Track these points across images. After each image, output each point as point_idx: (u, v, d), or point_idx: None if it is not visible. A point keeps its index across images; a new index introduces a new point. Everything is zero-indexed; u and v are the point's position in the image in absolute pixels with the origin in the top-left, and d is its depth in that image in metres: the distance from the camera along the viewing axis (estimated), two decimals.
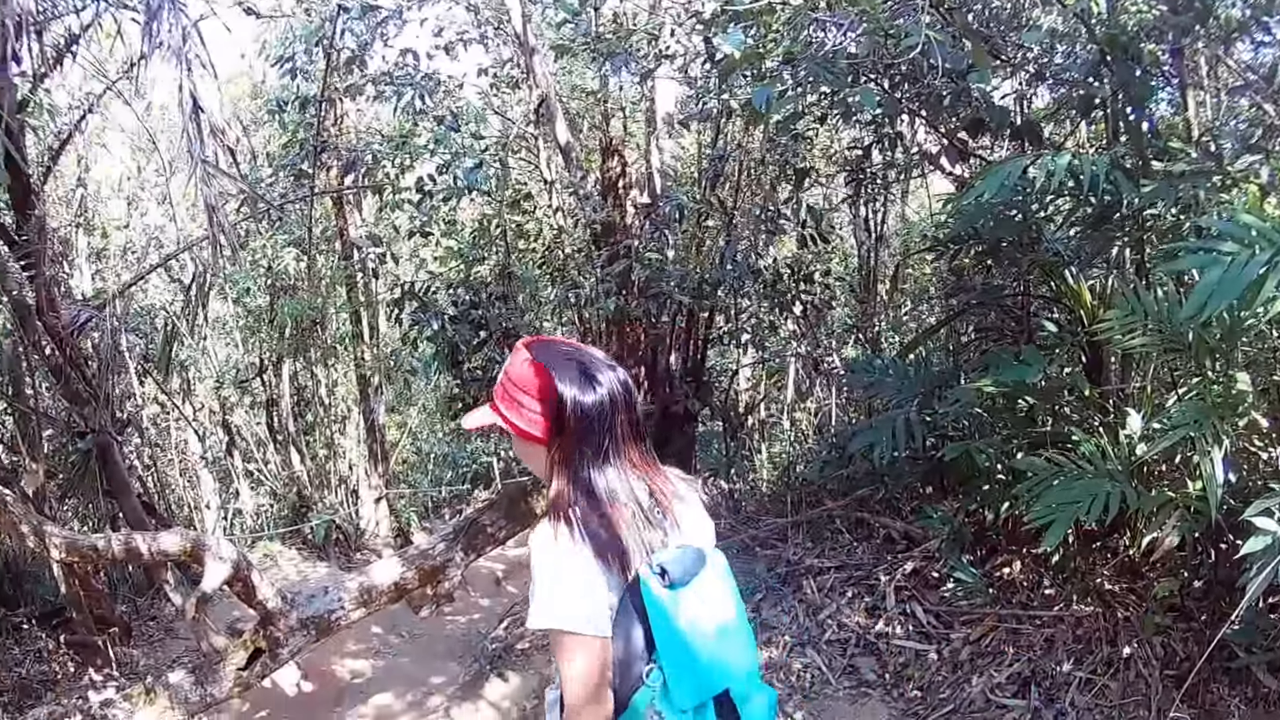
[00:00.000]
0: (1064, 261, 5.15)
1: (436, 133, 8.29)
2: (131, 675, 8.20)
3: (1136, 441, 4.37)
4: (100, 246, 13.17)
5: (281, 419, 13.72)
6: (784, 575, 6.46)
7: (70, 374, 7.86)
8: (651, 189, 8.27)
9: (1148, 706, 4.22)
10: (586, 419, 2.06)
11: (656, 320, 8.22)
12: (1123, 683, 4.35)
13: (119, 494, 8.36)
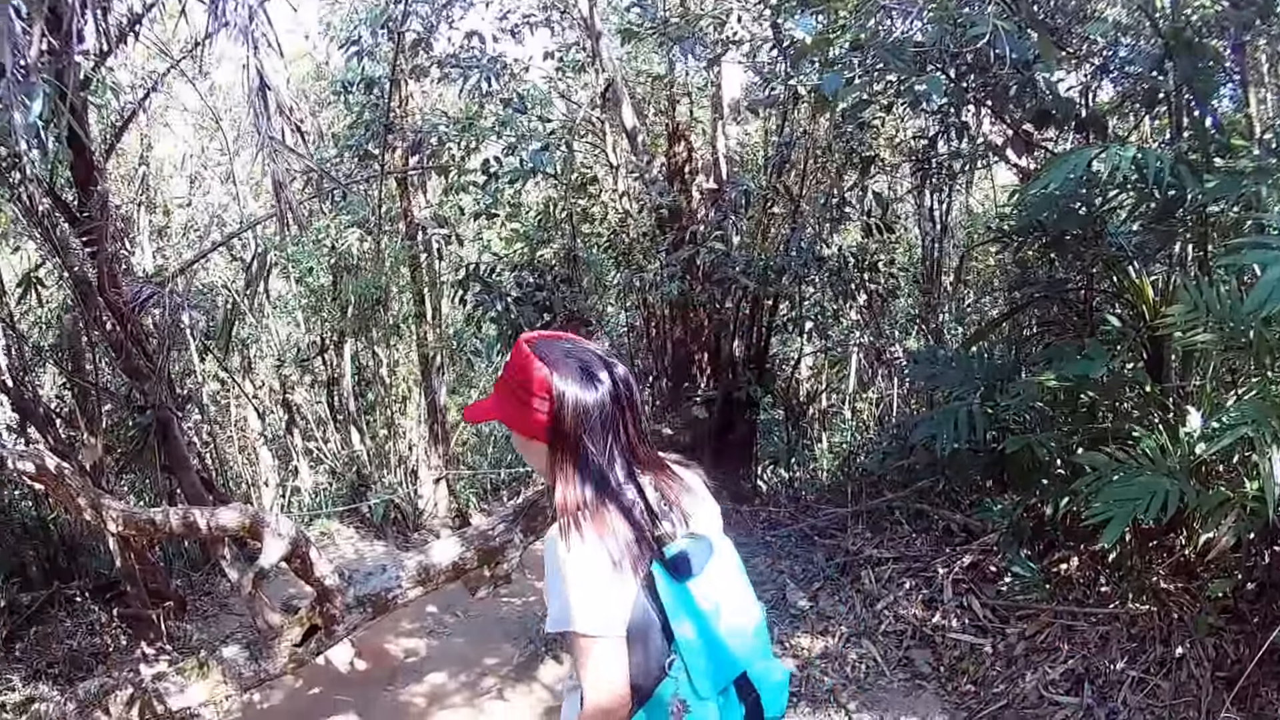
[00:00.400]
0: (1127, 256, 5.16)
1: (503, 115, 8.40)
2: (184, 650, 8.35)
3: (1196, 440, 4.38)
4: (162, 224, 13.40)
5: (342, 398, 13.91)
6: (843, 565, 6.56)
7: (131, 350, 7.93)
8: (717, 174, 8.34)
9: (1198, 708, 4.24)
10: (587, 418, 2.10)
11: (721, 306, 8.31)
12: (1174, 683, 4.38)
13: (177, 469, 8.49)
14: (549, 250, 9.18)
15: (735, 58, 8.14)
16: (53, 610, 8.93)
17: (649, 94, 9.91)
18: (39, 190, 6.89)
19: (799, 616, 6.25)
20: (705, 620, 2.12)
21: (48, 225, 7.19)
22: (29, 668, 8.02)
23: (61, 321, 9.47)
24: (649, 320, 9.26)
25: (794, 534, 7.34)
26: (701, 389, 8.59)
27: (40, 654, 8.31)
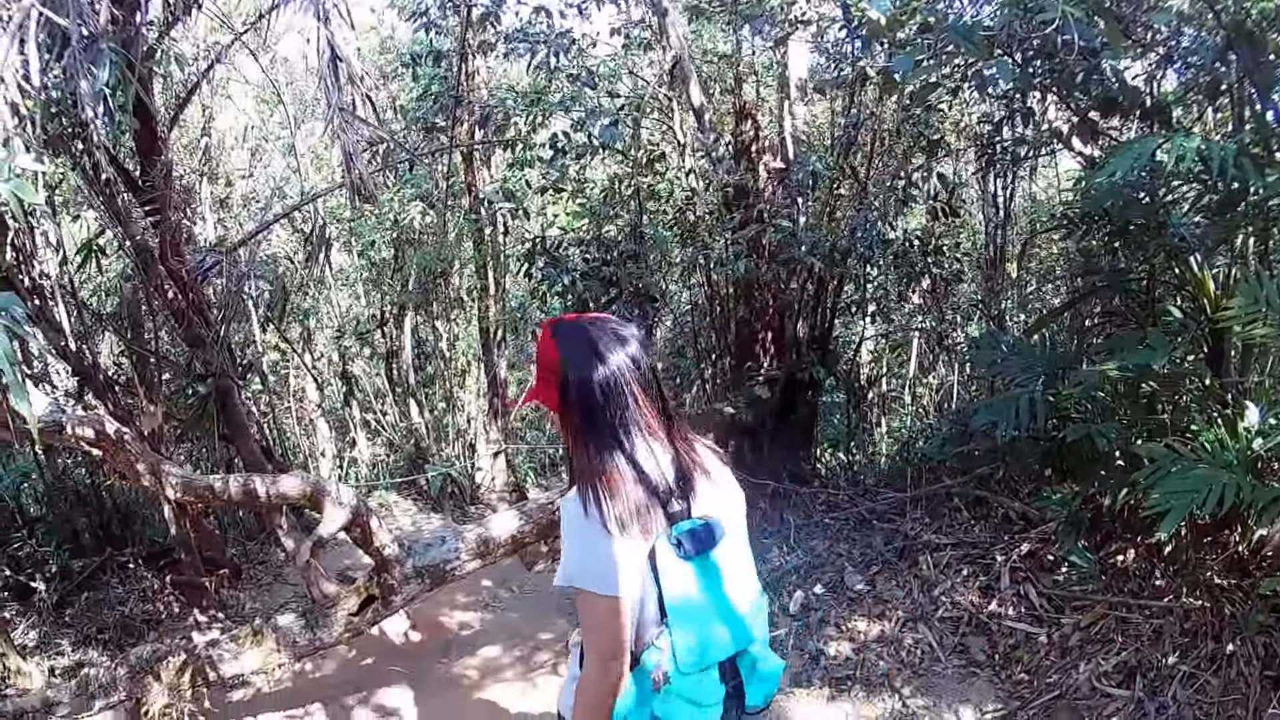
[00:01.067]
0: (1189, 248, 5.20)
1: (572, 90, 8.53)
2: (237, 618, 8.58)
3: (1254, 435, 4.44)
4: (223, 196, 13.61)
5: (401, 371, 14.13)
6: (901, 549, 6.69)
7: (193, 318, 8.05)
8: (784, 154, 8.40)
9: (1245, 706, 4.31)
10: (592, 393, 2.33)
11: (785, 286, 8.38)
12: (1224, 680, 4.45)
13: (237, 437, 8.64)
14: (613, 226, 9.31)
15: (804, 37, 8.21)
16: (104, 577, 9.11)
17: (714, 73, 9.98)
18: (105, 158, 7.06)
19: (856, 599, 6.41)
20: (701, 600, 2.33)
21: (110, 194, 7.31)
22: (79, 633, 8.18)
23: (121, 289, 9.70)
24: (712, 298, 9.37)
25: (852, 517, 7.46)
26: (764, 368, 8.66)
27: (90, 620, 8.44)
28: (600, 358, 2.33)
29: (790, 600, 6.70)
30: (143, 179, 7.46)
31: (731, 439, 8.73)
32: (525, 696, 6.89)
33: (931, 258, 8.24)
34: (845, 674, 5.69)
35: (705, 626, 2.35)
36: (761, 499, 8.33)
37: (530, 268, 8.85)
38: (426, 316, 14.25)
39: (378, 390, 14.80)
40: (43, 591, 8.46)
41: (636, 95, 8.94)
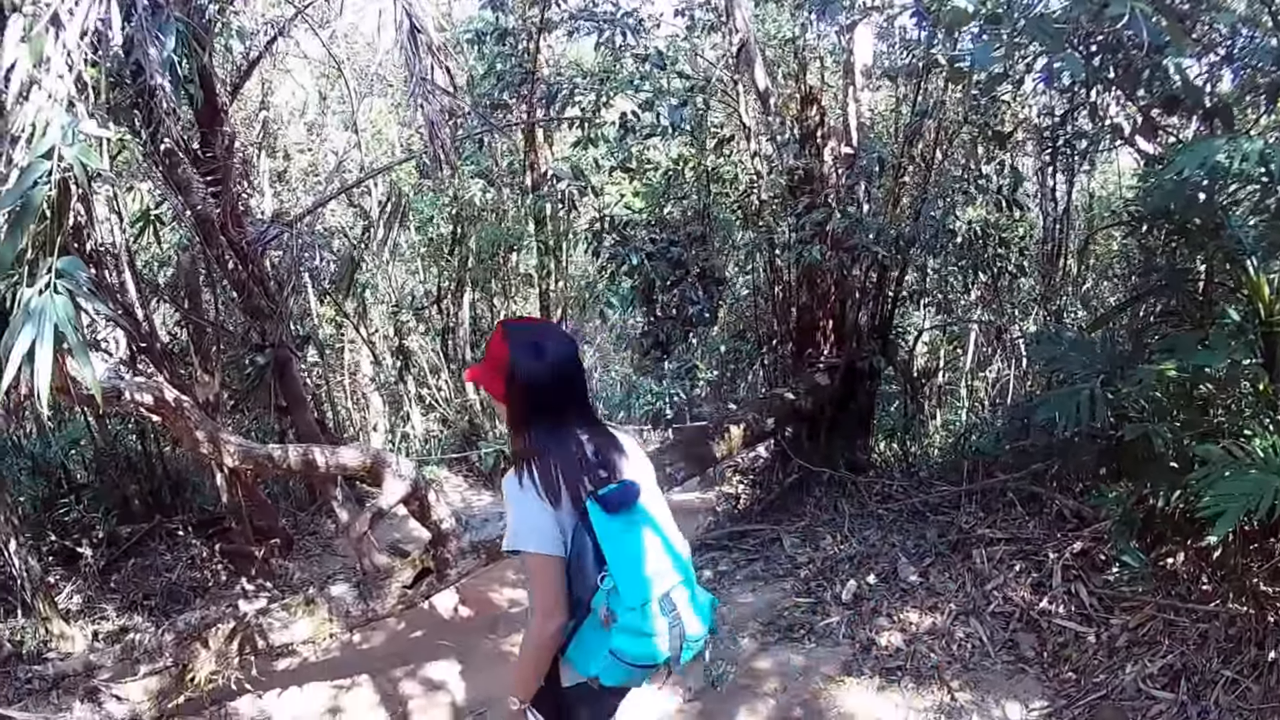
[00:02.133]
0: (1246, 250, 5.22)
1: (641, 70, 8.66)
2: (285, 588, 8.85)
3: None
4: (280, 169, 13.85)
5: (458, 347, 14.36)
6: (955, 543, 6.82)
7: (252, 289, 8.25)
8: (848, 140, 8.47)
9: None
10: (533, 384, 2.86)
11: (848, 273, 8.49)
12: (1264, 686, 4.52)
13: (294, 408, 8.79)
14: (675, 208, 9.43)
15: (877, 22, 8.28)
16: (152, 543, 9.36)
17: (777, 56, 10.06)
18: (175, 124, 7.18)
19: (909, 591, 6.53)
20: (630, 547, 2.82)
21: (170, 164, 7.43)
22: (124, 599, 8.40)
23: (178, 259, 9.84)
24: (774, 284, 9.50)
25: (906, 508, 7.58)
26: (825, 356, 8.80)
27: (136, 586, 8.68)
28: (541, 360, 2.86)
29: (843, 589, 6.81)
30: (203, 150, 7.65)
31: (790, 425, 8.91)
32: None
33: (997, 250, 8.31)
34: (895, 665, 5.82)
35: (638, 568, 2.81)
36: (817, 487, 8.50)
37: (598, 246, 9.00)
38: (484, 293, 14.45)
39: (433, 366, 15.03)
40: (89, 557, 8.67)
41: (703, 77, 9.04)
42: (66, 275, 3.81)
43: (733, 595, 7.50)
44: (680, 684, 6.36)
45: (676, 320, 9.00)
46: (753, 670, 6.22)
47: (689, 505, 11.77)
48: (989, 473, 7.49)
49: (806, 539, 7.92)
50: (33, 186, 3.73)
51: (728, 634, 6.77)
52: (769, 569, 7.78)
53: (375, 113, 14.77)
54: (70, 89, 4.05)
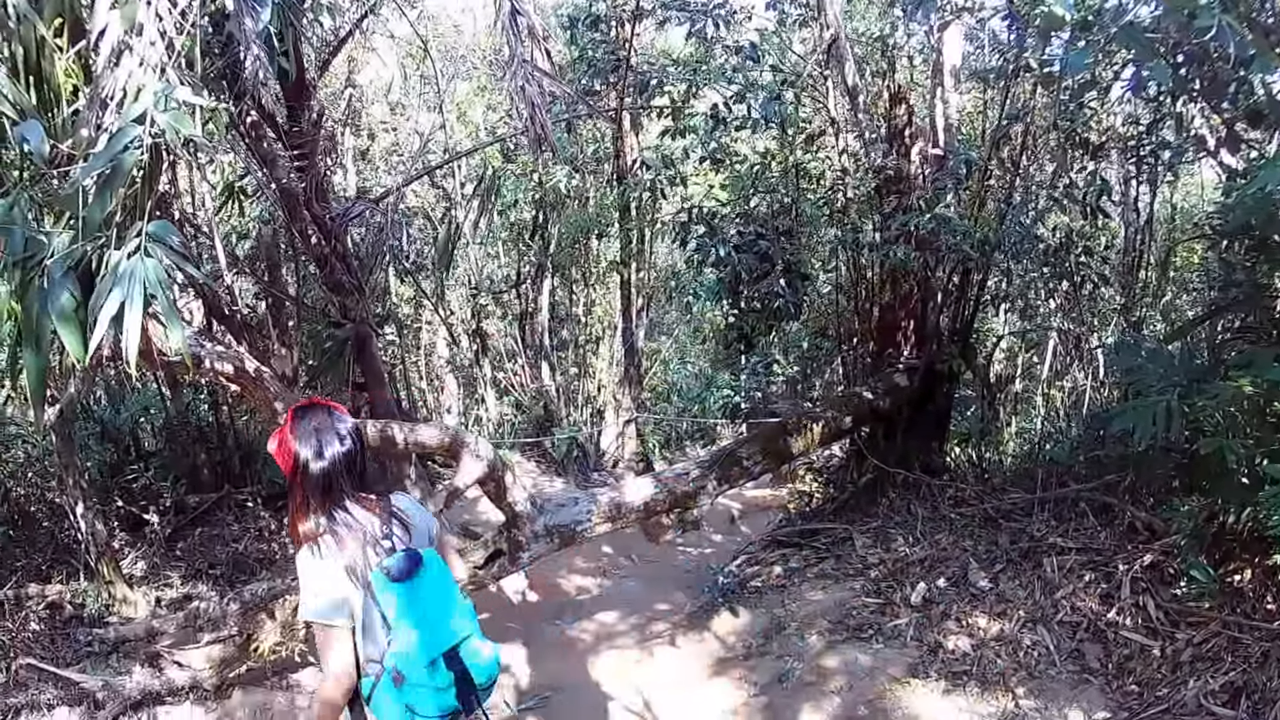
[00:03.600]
0: None
1: (734, 61, 8.83)
2: None
3: None
4: (364, 148, 14.14)
5: (535, 333, 14.63)
6: (1026, 550, 6.90)
7: (335, 264, 8.33)
8: (935, 141, 8.57)
9: None
10: (316, 478, 3.29)
11: (931, 274, 8.59)
12: None
13: (373, 386, 8.88)
14: (763, 202, 9.52)
15: (970, 24, 8.37)
16: (220, 514, 9.68)
17: (866, 54, 10.16)
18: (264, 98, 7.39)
19: (979, 596, 6.65)
20: (414, 611, 3.25)
21: (256, 137, 7.64)
22: (189, 567, 8.69)
23: (259, 232, 10.16)
24: (857, 283, 9.60)
25: (979, 514, 7.66)
26: (905, 356, 8.90)
27: (202, 555, 8.98)
28: (321, 458, 3.30)
29: (912, 591, 6.96)
30: (290, 124, 7.80)
31: (867, 425, 9.00)
32: (640, 665, 7.23)
33: (1082, 257, 8.33)
34: (962, 669, 5.96)
35: (420, 629, 3.25)
36: (891, 488, 8.61)
37: (685, 236, 9.15)
38: (564, 280, 14.66)
39: (510, 350, 15.28)
40: (155, 523, 9.00)
41: (794, 72, 9.16)
42: (157, 239, 3.87)
43: (802, 592, 7.67)
44: (746, 678, 6.55)
45: (761, 314, 9.14)
46: (819, 668, 6.37)
47: (760, 501, 11.93)
48: (1062, 482, 7.54)
49: (878, 540, 8.05)
50: (123, 150, 3.79)
51: (795, 631, 6.96)
52: (839, 568, 7.93)
53: (460, 95, 15.01)
54: (162, 56, 4.13)
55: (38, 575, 7.76)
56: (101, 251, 3.86)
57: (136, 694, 6.32)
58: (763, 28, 9.79)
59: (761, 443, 8.23)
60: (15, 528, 8.16)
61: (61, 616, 7.36)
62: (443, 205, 14.80)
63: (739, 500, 11.87)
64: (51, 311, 3.80)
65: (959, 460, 9.23)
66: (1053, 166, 8.85)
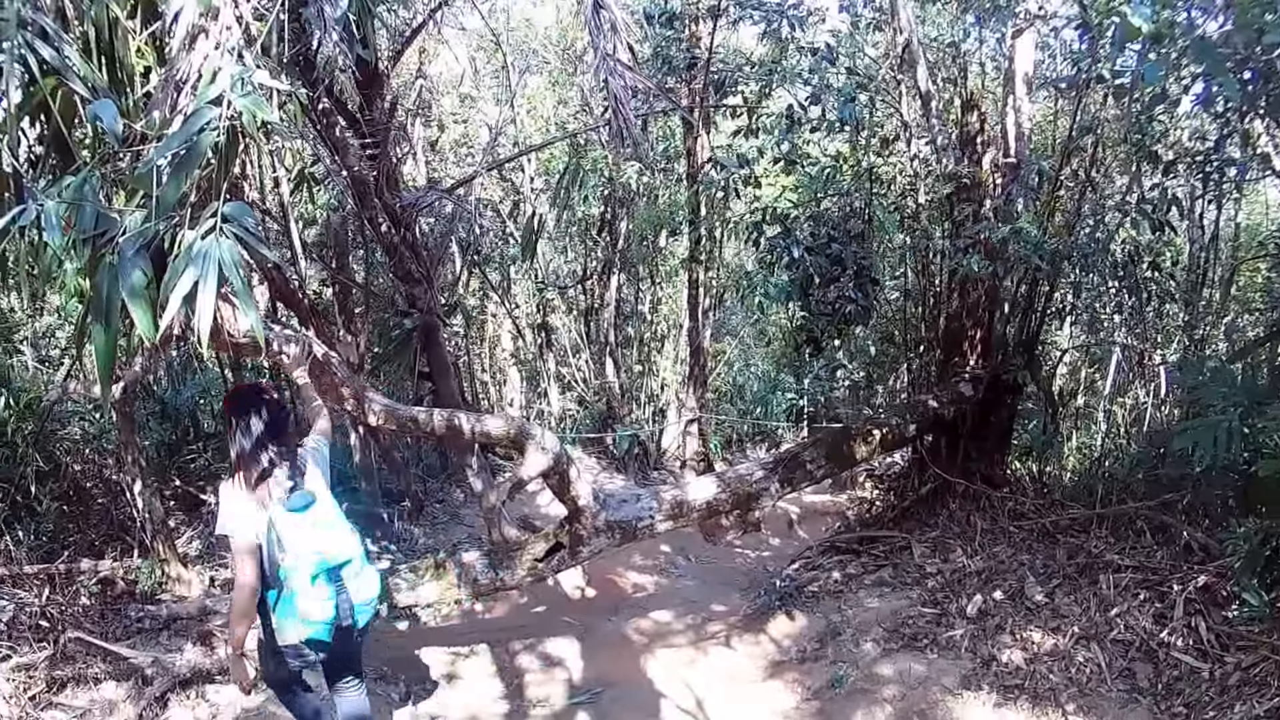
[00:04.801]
0: None
1: (810, 63, 8.85)
2: (409, 551, 9.33)
3: None
4: (433, 139, 14.30)
5: (601, 329, 14.85)
6: (1082, 566, 6.98)
7: (404, 253, 8.43)
8: (1007, 149, 8.62)
9: None
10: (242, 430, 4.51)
11: (1000, 284, 8.66)
12: None
13: (439, 376, 8.96)
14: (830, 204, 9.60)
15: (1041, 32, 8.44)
16: None
17: (938, 60, 10.23)
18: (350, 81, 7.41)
19: (1034, 611, 6.73)
20: (304, 537, 4.36)
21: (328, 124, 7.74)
22: None
23: (328, 219, 10.33)
24: (926, 289, 9.70)
25: (1037, 528, 7.72)
26: (970, 366, 8.92)
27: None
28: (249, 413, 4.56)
29: (968, 603, 7.07)
30: (361, 113, 7.97)
31: (930, 433, 9.09)
32: (693, 664, 7.39)
33: (1150, 273, 8.35)
34: (1014, 683, 6.06)
35: (307, 550, 4.36)
36: (952, 498, 8.70)
37: (759, 237, 9.23)
38: (631, 277, 14.83)
39: (574, 346, 15.50)
40: (212, 504, 9.14)
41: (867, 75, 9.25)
42: (233, 220, 3.96)
43: (859, 599, 7.80)
44: (800, 682, 6.72)
45: (831, 317, 9.16)
46: (873, 675, 6.52)
47: (819, 506, 12.05)
48: (1121, 499, 7.60)
49: (936, 549, 8.16)
50: (199, 132, 3.89)
51: (851, 637, 7.10)
52: (897, 576, 8.06)
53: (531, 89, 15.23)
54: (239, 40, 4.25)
55: (91, 551, 7.95)
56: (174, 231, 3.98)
57: (187, 671, 6.50)
58: (835, 30, 9.84)
59: (826, 447, 8.35)
60: (70, 504, 8.34)
61: (113, 592, 7.55)
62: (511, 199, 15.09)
63: (797, 505, 12.00)
64: (122, 288, 3.91)
65: (1019, 473, 9.27)
66: (1122, 179, 8.86)
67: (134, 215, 4.05)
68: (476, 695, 7.08)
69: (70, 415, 8.97)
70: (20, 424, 8.12)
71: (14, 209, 4.04)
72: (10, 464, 7.93)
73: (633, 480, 13.41)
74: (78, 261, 4.19)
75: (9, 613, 6.65)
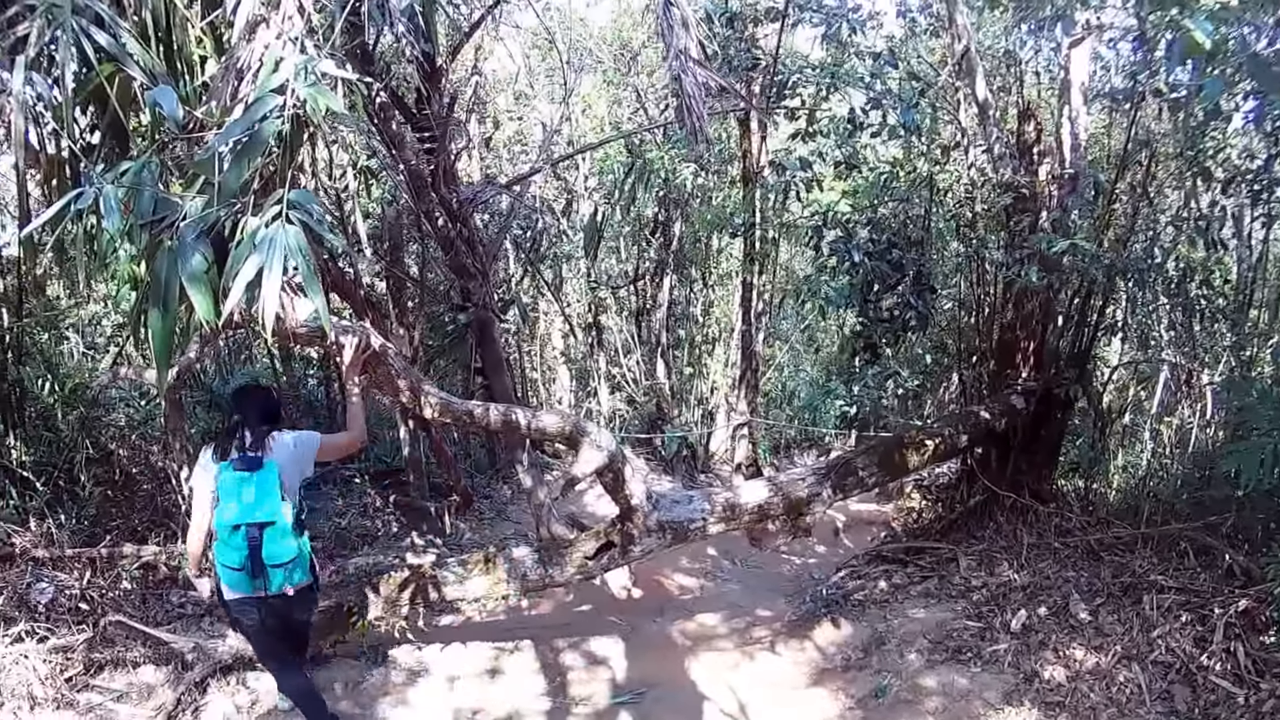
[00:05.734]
0: None
1: (872, 67, 8.96)
2: (455, 546, 9.46)
3: None
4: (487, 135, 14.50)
5: (653, 330, 14.99)
6: (1127, 585, 7.04)
7: (460, 247, 8.62)
8: (1062, 160, 8.66)
9: None
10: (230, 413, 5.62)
11: (1055, 297, 8.68)
12: None
13: (492, 371, 9.13)
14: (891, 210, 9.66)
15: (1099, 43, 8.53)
16: (325, 488, 10.07)
17: (993, 68, 10.29)
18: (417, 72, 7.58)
19: (1078, 628, 6.80)
20: (232, 493, 5.18)
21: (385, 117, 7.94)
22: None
23: (383, 212, 10.50)
24: (981, 300, 9.72)
25: (1082, 545, 7.78)
26: (1023, 378, 8.95)
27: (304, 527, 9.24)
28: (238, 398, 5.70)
29: (1013, 618, 7.14)
30: (419, 107, 8.14)
31: (980, 445, 9.16)
32: (737, 668, 7.53)
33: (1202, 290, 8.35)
34: (1056, 700, 6.14)
35: (228, 506, 5.17)
36: (999, 511, 8.75)
37: (819, 241, 9.35)
38: (684, 279, 14.96)
39: (625, 346, 15.61)
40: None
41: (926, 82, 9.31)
42: (298, 207, 4.05)
43: (904, 609, 7.89)
44: (844, 690, 6.84)
45: (890, 324, 9.30)
46: (917, 686, 6.64)
47: (865, 515, 12.10)
48: (1165, 519, 7.63)
49: (982, 563, 8.22)
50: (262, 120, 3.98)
51: (895, 647, 7.21)
52: (942, 588, 8.13)
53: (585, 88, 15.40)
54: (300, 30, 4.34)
55: (134, 536, 8.11)
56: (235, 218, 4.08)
57: (228, 657, 6.69)
58: (890, 35, 9.95)
59: (879, 454, 8.41)
60: (115, 489, 8.52)
61: (155, 577, 7.73)
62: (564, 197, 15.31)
63: (843, 513, 12.05)
64: (181, 273, 4.02)
65: (1064, 489, 9.31)
66: (1175, 194, 8.92)
67: (194, 201, 4.15)
68: (519, 691, 7.23)
69: (116, 401, 9.21)
70: (66, 409, 8.34)
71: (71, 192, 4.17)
72: (54, 449, 8.13)
73: (680, 482, 13.52)
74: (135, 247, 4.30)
75: (48, 594, 6.87)
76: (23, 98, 4.39)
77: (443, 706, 6.98)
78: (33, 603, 6.82)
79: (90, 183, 4.16)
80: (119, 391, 9.34)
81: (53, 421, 8.29)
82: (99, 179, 4.15)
